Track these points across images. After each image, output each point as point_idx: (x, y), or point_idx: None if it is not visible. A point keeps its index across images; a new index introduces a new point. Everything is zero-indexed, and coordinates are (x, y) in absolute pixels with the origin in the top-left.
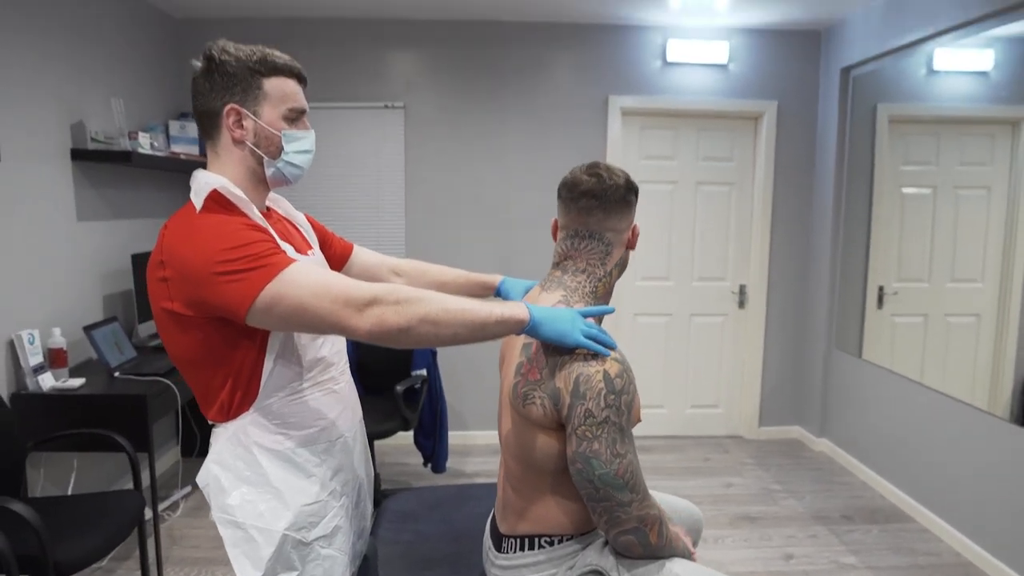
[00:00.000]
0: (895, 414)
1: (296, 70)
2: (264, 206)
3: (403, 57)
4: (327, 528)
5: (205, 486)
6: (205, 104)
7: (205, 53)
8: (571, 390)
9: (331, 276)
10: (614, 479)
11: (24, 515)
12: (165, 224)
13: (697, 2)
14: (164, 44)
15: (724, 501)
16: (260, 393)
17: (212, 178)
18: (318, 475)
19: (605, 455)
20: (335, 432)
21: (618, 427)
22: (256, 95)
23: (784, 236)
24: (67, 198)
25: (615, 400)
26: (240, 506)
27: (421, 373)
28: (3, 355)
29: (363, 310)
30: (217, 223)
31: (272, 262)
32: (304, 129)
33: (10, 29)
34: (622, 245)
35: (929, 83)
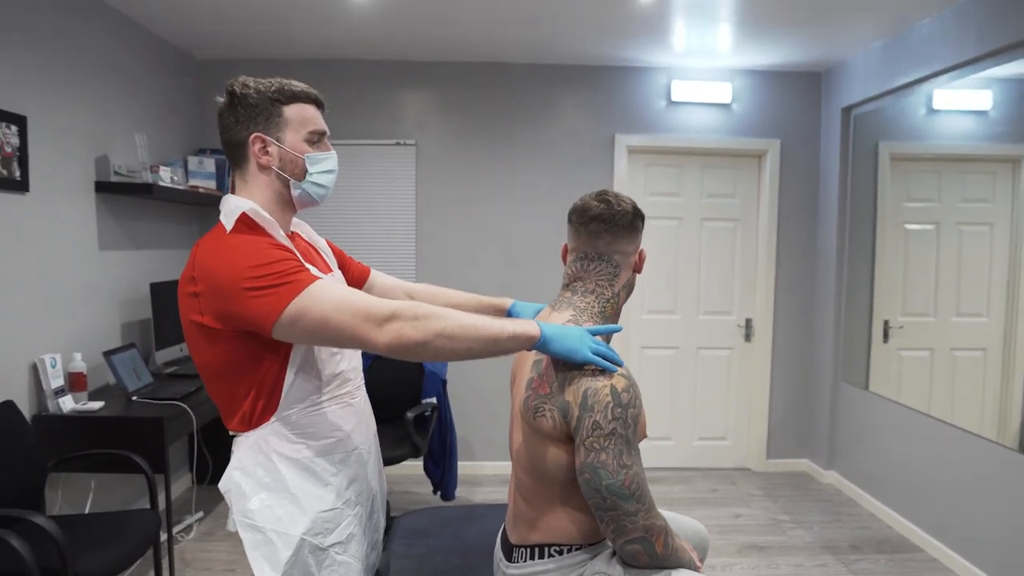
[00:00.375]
0: (903, 445)
1: (313, 96)
2: (289, 229)
3: (415, 97)
4: (342, 535)
5: (227, 491)
6: (232, 136)
7: (227, 89)
8: (579, 403)
9: (353, 293)
10: (621, 489)
11: (47, 528)
12: (197, 243)
13: (700, 45)
14: (186, 84)
15: (732, 531)
16: (281, 404)
17: (242, 202)
18: (334, 484)
19: (612, 466)
20: (351, 444)
21: (624, 439)
22: (278, 122)
23: (789, 271)
24: (90, 228)
25: (622, 413)
26: (260, 511)
27: (431, 401)
28: (26, 378)
29: (383, 325)
30: (246, 242)
31: (298, 279)
32: (326, 150)
33: (42, 67)
34: (629, 268)
35: (929, 122)
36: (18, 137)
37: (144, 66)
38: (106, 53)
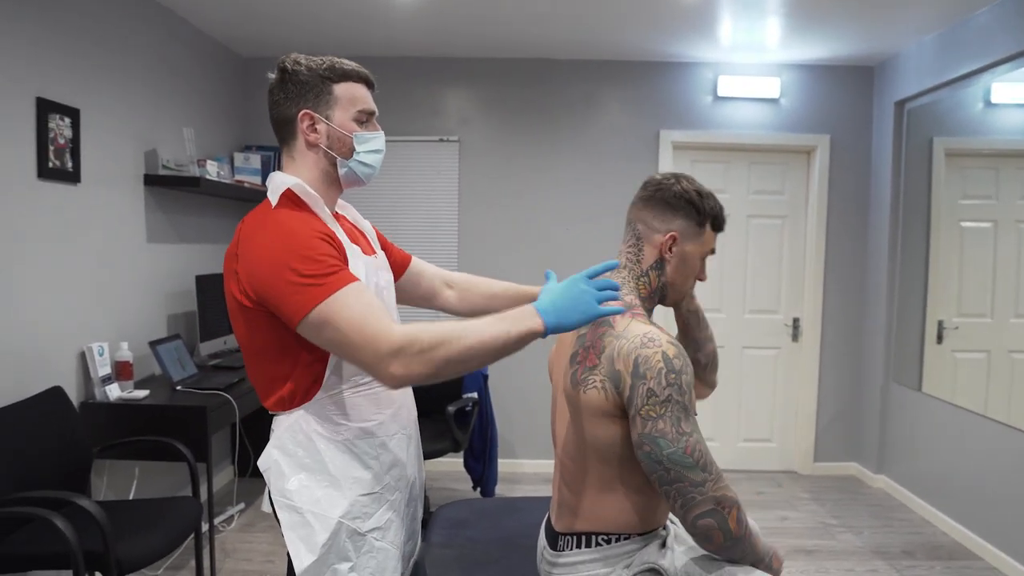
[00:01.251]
0: (959, 448)
1: (364, 75)
2: (335, 208)
3: (458, 93)
4: (381, 520)
5: (266, 470)
6: (281, 112)
7: (279, 65)
8: (631, 371)
9: (372, 314)
10: (683, 457)
11: (92, 511)
12: (243, 219)
13: (748, 39)
14: (232, 81)
15: (779, 534)
16: (323, 387)
17: (288, 178)
18: (374, 467)
19: (671, 433)
20: (392, 427)
21: (681, 405)
22: (328, 100)
23: (838, 269)
24: (138, 221)
25: (676, 379)
26: (298, 491)
27: (472, 396)
28: (75, 365)
29: (389, 362)
30: (290, 229)
31: (330, 281)
32: (374, 130)
33: (94, 62)
34: (654, 246)
35: (987, 116)
36: (71, 129)
37: (192, 62)
38: (156, 49)
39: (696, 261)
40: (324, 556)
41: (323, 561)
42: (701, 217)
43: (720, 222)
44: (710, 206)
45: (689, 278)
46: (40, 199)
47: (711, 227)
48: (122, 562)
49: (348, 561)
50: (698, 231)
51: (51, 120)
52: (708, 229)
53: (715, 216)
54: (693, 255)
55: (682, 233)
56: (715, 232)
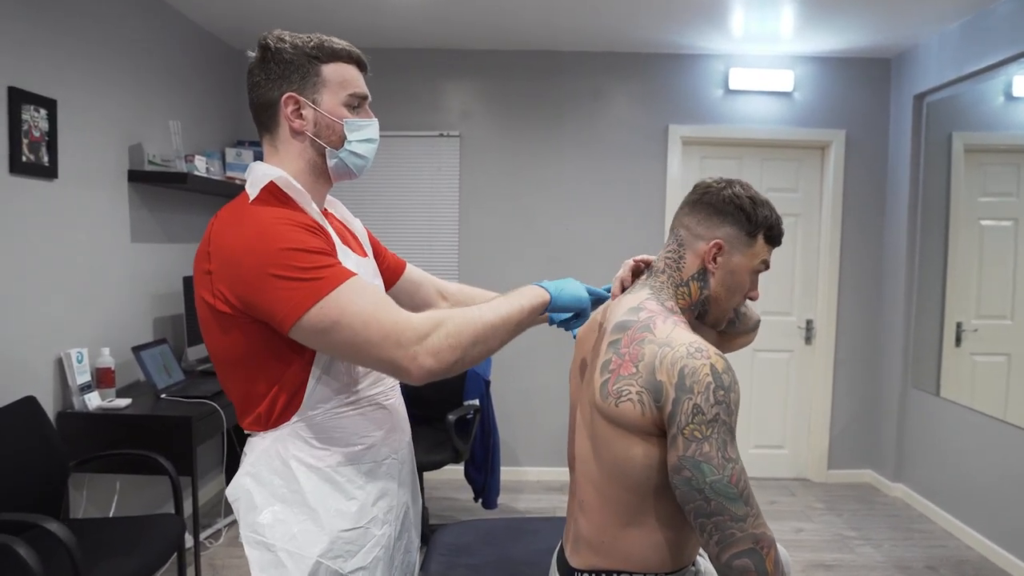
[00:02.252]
0: (979, 455)
1: (356, 55)
2: (323, 205)
3: (459, 87)
4: (366, 559)
5: (235, 500)
6: (262, 95)
7: (260, 42)
8: (675, 383)
9: (385, 304)
10: (728, 487)
11: (60, 535)
12: (216, 214)
13: (760, 30)
14: (225, 74)
15: (795, 547)
16: (304, 403)
17: (270, 170)
18: (359, 498)
19: (716, 459)
20: (382, 452)
21: (728, 427)
22: (315, 82)
23: (853, 269)
24: (122, 219)
25: (725, 396)
26: (271, 525)
27: (474, 403)
28: (51, 373)
29: (417, 349)
30: (272, 219)
31: (327, 274)
32: (367, 117)
33: (73, 50)
34: (697, 254)
35: (1008, 111)
36: (47, 121)
37: (181, 53)
38: (142, 39)
39: (745, 276)
40: None
41: None
42: (752, 226)
43: (776, 234)
44: (764, 215)
45: (736, 294)
46: (12, 195)
47: (765, 239)
48: None
49: None
50: (748, 241)
51: (25, 111)
52: (761, 240)
53: (770, 227)
54: (741, 268)
55: (729, 242)
56: (770, 245)
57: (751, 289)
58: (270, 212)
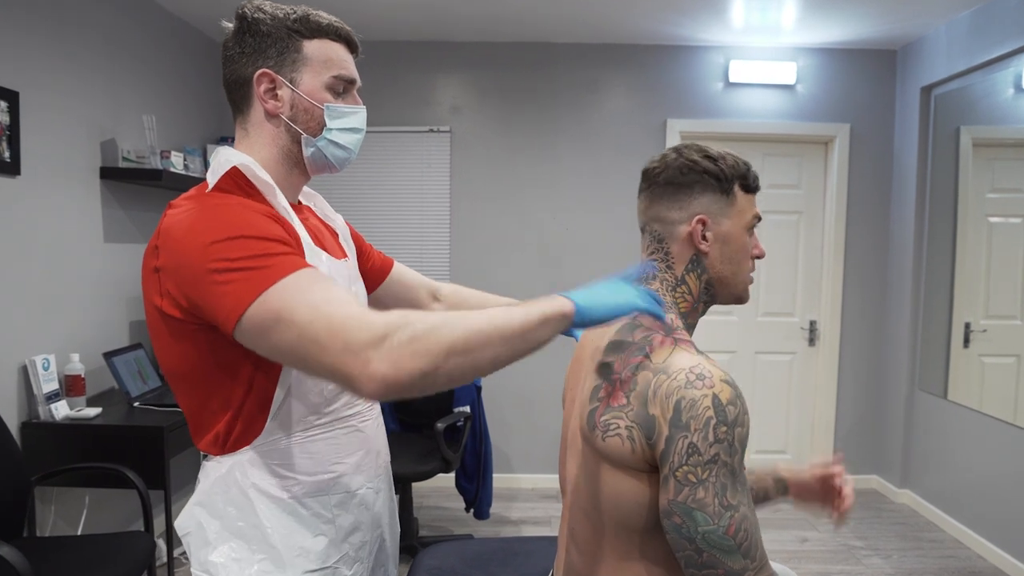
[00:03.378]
0: (989, 461)
1: (345, 33)
2: (296, 198)
3: (450, 80)
4: None
5: (186, 534)
6: (235, 71)
7: (237, 12)
8: (670, 418)
9: (338, 298)
10: (723, 539)
11: (10, 560)
12: (170, 203)
13: (762, 20)
14: (206, 67)
15: (800, 558)
16: (268, 425)
17: (235, 155)
18: (329, 534)
19: (712, 506)
20: (355, 482)
21: (730, 469)
22: (294, 59)
23: (858, 268)
24: (94, 218)
25: (727, 434)
26: (225, 565)
27: (464, 410)
28: (15, 381)
29: (368, 355)
30: (225, 206)
31: (274, 263)
32: (353, 104)
33: (38, 40)
34: (682, 242)
35: (1018, 103)
36: (8, 115)
37: (159, 46)
38: (115, 28)
39: (742, 237)
40: None
41: None
42: (725, 182)
43: (751, 180)
44: (730, 165)
45: (742, 263)
46: None
47: (741, 189)
48: None
49: None
50: (728, 200)
51: None
52: (739, 193)
53: (742, 175)
54: (735, 232)
55: (710, 212)
56: (749, 194)
57: (754, 247)
58: (222, 199)
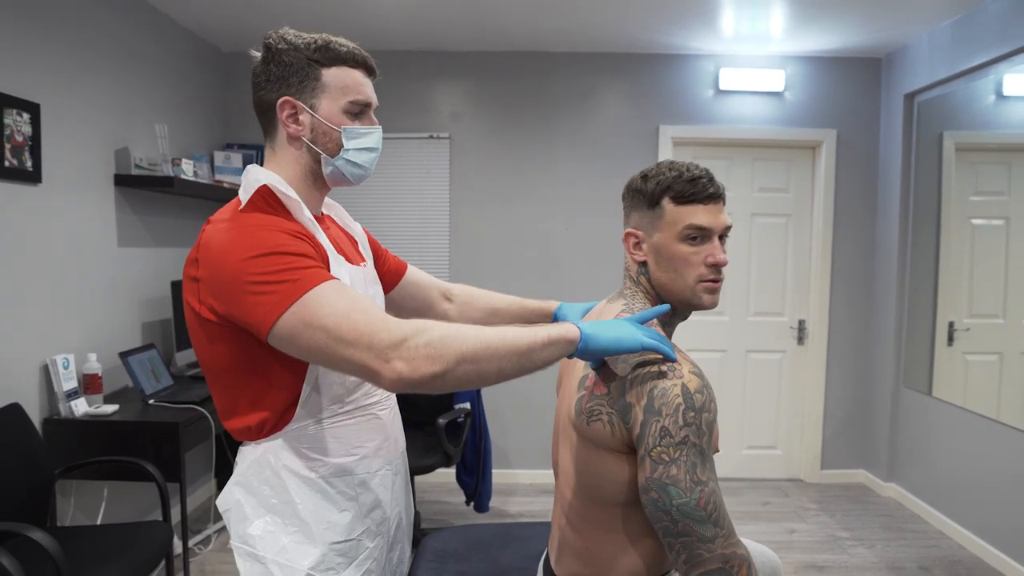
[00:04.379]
0: (972, 455)
1: (362, 59)
2: (319, 210)
3: (449, 88)
4: (358, 571)
5: (226, 511)
6: (262, 97)
7: (264, 41)
8: (644, 405)
9: (362, 307)
10: (695, 510)
11: (44, 544)
12: (208, 219)
13: (751, 30)
14: (212, 77)
15: (788, 548)
16: (297, 414)
17: (263, 174)
18: (352, 511)
19: (684, 482)
20: (375, 463)
21: (698, 449)
22: (314, 87)
23: (845, 269)
24: (109, 223)
25: (695, 418)
26: (262, 537)
27: (464, 406)
28: (37, 380)
29: (389, 355)
30: (257, 225)
31: (302, 276)
32: (369, 125)
33: (57, 53)
34: (627, 253)
35: (999, 109)
36: (30, 126)
37: (168, 57)
38: (127, 41)
39: (675, 248)
40: None
41: None
42: (650, 198)
43: (683, 189)
44: (656, 181)
45: (680, 271)
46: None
47: (674, 202)
48: None
49: None
50: (656, 214)
51: (7, 115)
52: (669, 206)
53: (668, 187)
54: (665, 243)
55: (640, 226)
56: (682, 205)
57: (709, 255)
58: (255, 219)
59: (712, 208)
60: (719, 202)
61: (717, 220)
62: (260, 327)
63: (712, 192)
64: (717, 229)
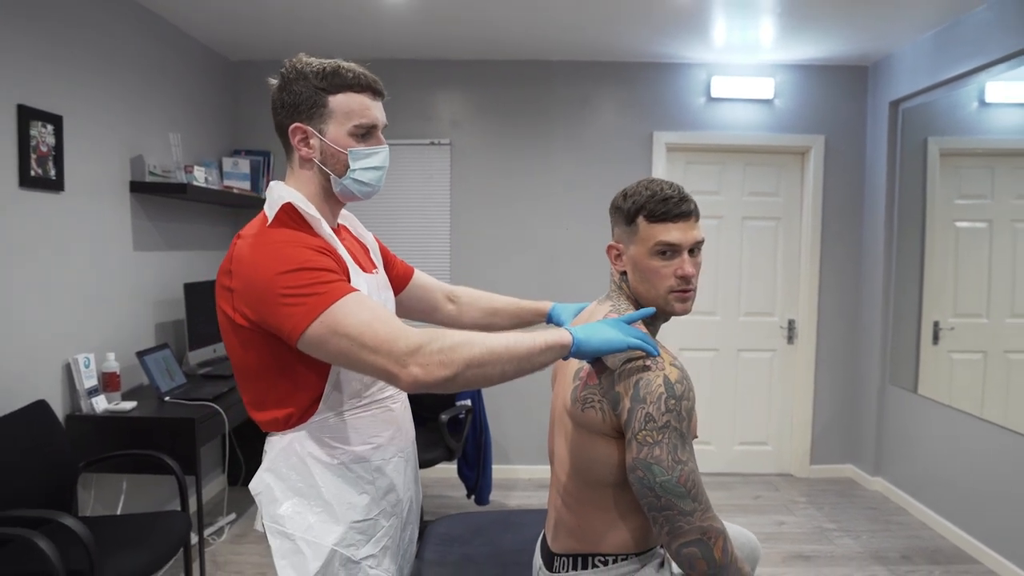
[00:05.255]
0: (956, 451)
1: (367, 83)
2: (335, 223)
3: (449, 96)
4: (376, 547)
5: (258, 494)
6: (279, 122)
7: (280, 70)
8: (631, 394)
9: (380, 317)
10: (676, 486)
11: (76, 529)
12: (239, 233)
13: (741, 39)
14: (220, 85)
15: (776, 539)
16: (320, 408)
17: (287, 192)
18: (370, 493)
19: (666, 461)
20: (389, 451)
21: (679, 433)
22: (321, 113)
23: (834, 270)
24: (125, 229)
25: (675, 405)
26: (290, 517)
27: (466, 403)
28: (59, 377)
29: (406, 361)
30: (285, 242)
31: (328, 289)
32: (375, 145)
33: (77, 67)
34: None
35: (981, 116)
36: (54, 137)
37: (178, 67)
38: (141, 54)
39: (648, 262)
40: None
41: None
42: (626, 215)
43: (654, 209)
44: (634, 200)
45: (652, 282)
46: (22, 208)
47: (647, 220)
48: None
49: None
50: (632, 230)
51: (33, 127)
52: (643, 223)
53: (640, 207)
54: (639, 257)
55: (620, 240)
56: (655, 223)
57: (678, 269)
58: (283, 235)
59: (683, 225)
60: (690, 219)
61: (686, 236)
62: (291, 334)
63: (682, 211)
64: (686, 244)
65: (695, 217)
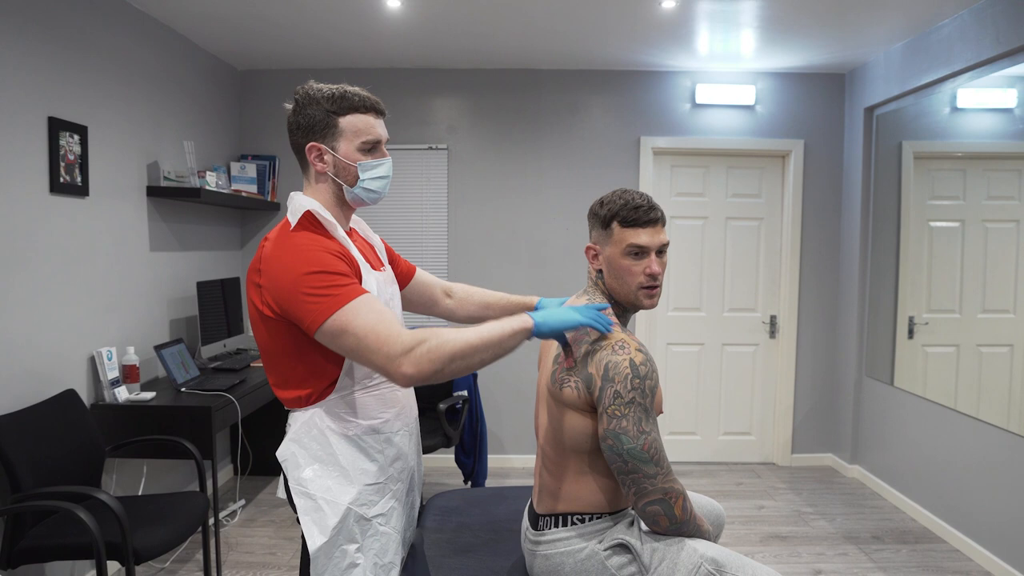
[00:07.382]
0: (929, 439)
1: (370, 104)
2: (348, 226)
3: (446, 103)
4: (384, 507)
5: (284, 460)
6: (295, 141)
7: (294, 96)
8: (602, 375)
9: (382, 320)
10: (641, 453)
11: (111, 505)
12: (266, 236)
13: (724, 49)
14: (228, 93)
15: (755, 521)
16: (336, 388)
17: (306, 201)
18: (379, 460)
19: (632, 431)
20: (396, 425)
21: (643, 407)
22: (333, 133)
23: (813, 268)
24: (142, 231)
25: (640, 384)
26: (312, 480)
27: (462, 394)
28: (85, 369)
29: (400, 361)
30: (307, 246)
31: (343, 292)
32: (380, 157)
33: (101, 81)
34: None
35: (953, 121)
36: (80, 145)
37: (191, 77)
38: (157, 66)
39: (620, 262)
40: (334, 538)
41: (333, 542)
42: (602, 221)
43: (628, 216)
44: (608, 207)
45: (623, 280)
46: (52, 213)
47: (621, 225)
48: (138, 552)
49: (355, 543)
50: (607, 233)
51: (61, 137)
52: (617, 228)
53: (615, 213)
54: (613, 257)
55: (597, 242)
56: (627, 227)
57: (646, 268)
58: (306, 239)
59: (651, 230)
60: (658, 224)
61: (654, 240)
62: (310, 326)
63: (651, 218)
64: (654, 247)
65: (662, 223)
